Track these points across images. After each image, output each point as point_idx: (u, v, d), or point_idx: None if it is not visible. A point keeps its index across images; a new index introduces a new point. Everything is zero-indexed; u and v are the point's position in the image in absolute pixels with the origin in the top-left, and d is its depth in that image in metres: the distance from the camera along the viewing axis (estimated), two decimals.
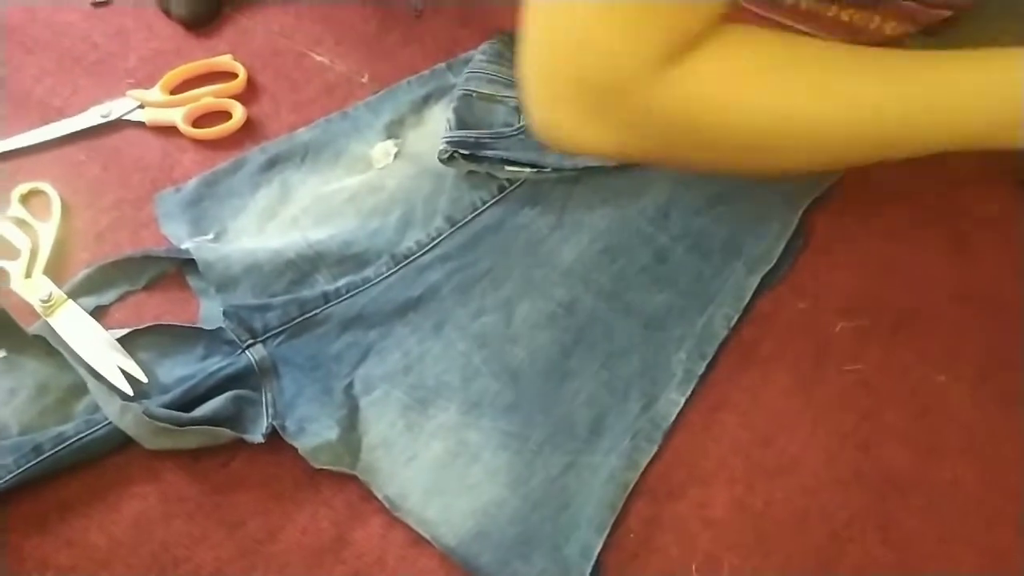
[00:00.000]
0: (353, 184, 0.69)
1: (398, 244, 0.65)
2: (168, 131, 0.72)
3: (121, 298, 0.64)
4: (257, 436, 0.56)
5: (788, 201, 0.67)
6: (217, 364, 0.59)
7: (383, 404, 0.59)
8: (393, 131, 0.71)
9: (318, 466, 0.55)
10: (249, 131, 0.72)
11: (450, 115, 0.69)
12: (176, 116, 0.72)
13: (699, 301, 0.63)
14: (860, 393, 0.59)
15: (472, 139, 0.68)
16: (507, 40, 0.72)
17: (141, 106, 0.73)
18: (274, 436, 0.56)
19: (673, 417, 0.58)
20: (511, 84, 0.70)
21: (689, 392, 0.59)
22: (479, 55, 0.72)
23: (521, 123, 0.69)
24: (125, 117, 0.72)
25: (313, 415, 0.58)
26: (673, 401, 0.59)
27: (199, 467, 0.57)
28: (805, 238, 0.66)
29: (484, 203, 0.68)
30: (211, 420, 0.56)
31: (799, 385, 0.60)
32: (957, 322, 0.61)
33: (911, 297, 0.62)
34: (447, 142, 0.67)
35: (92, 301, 0.63)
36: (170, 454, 0.57)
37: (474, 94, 0.70)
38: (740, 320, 0.62)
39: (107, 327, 0.61)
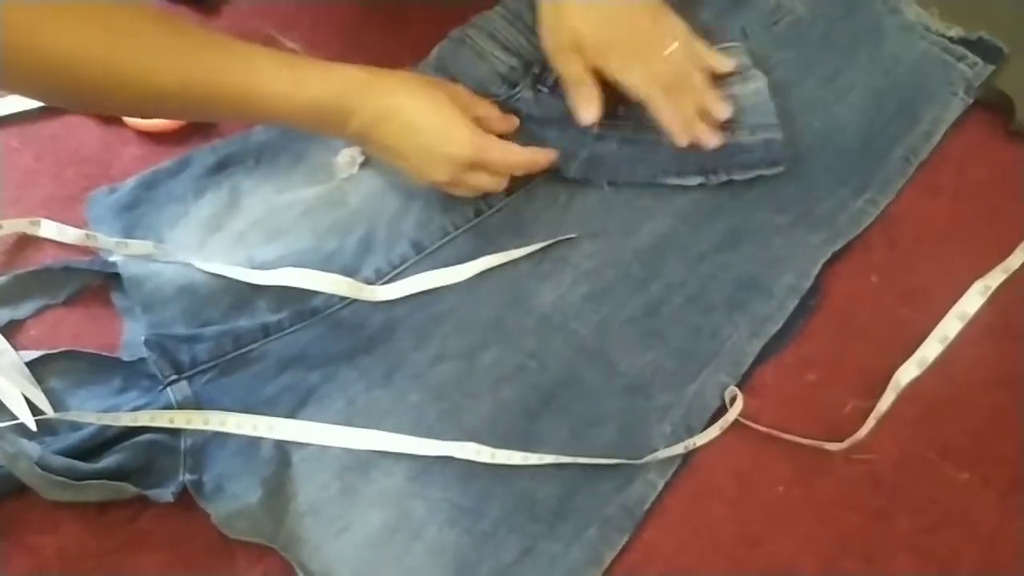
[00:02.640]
0: (310, 196, 0.60)
1: (355, 271, 0.57)
2: (110, 119, 0.64)
3: (38, 312, 0.57)
4: (166, 495, 0.49)
5: (806, 251, 0.58)
6: (134, 402, 0.52)
7: (318, 461, 0.52)
8: None
9: (233, 535, 0.48)
10: (200, 125, 0.64)
11: (432, 53, 0.62)
12: None
13: (692, 364, 0.55)
14: (869, 490, 0.51)
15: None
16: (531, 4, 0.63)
17: None
18: (187, 492, 0.49)
19: (649, 503, 0.50)
20: (511, 51, 0.62)
21: (670, 474, 0.51)
22: (499, 8, 0.64)
23: (499, 93, 0.61)
24: None
25: (235, 471, 0.50)
26: (650, 483, 0.51)
27: (104, 520, 0.50)
28: (820, 298, 0.57)
29: (456, 228, 0.60)
30: (116, 472, 0.49)
31: (799, 474, 0.52)
32: (991, 413, 0.53)
33: (938, 378, 0.54)
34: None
35: (6, 314, 0.56)
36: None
37: (468, 40, 0.63)
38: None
39: (20, 346, 0.55)
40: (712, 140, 0.58)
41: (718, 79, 0.61)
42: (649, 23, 0.57)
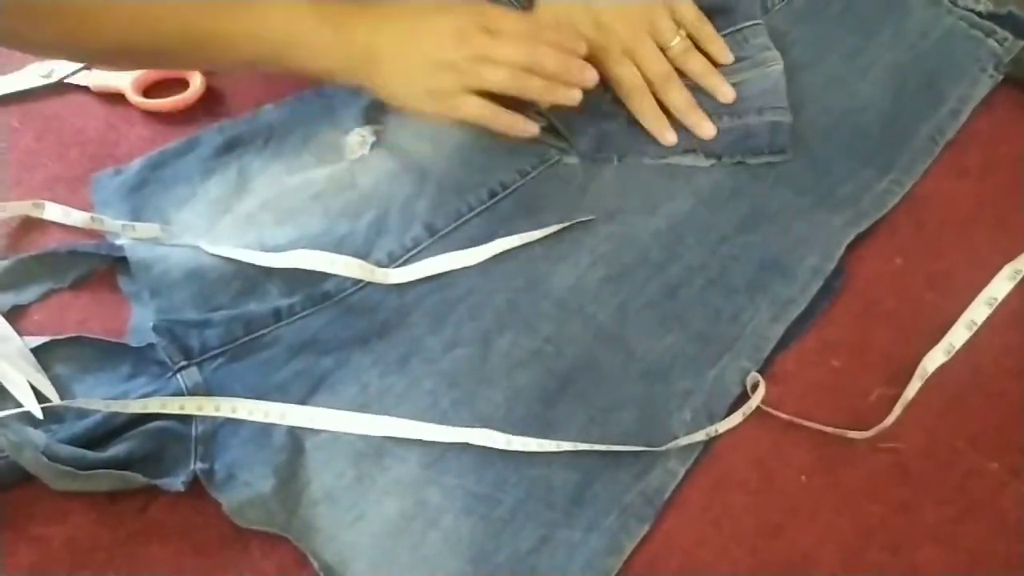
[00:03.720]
0: (321, 177, 0.59)
1: (367, 254, 0.56)
2: (115, 99, 0.63)
3: (44, 297, 0.56)
4: (176, 484, 0.48)
5: (829, 232, 0.57)
6: (142, 388, 0.51)
7: (331, 449, 0.50)
8: (373, 116, 0.62)
9: (245, 525, 0.47)
10: (208, 104, 0.63)
11: None
12: (125, 81, 0.62)
13: (712, 349, 0.53)
14: (894, 479, 0.50)
15: None
16: None
17: (87, 67, 0.63)
18: (198, 481, 0.48)
19: (669, 492, 0.49)
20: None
21: (691, 462, 0.50)
22: None
23: None
24: (68, 79, 0.63)
25: (247, 459, 0.49)
26: (671, 472, 0.50)
27: (114, 510, 0.49)
28: (844, 280, 0.56)
29: (471, 210, 0.58)
30: (125, 461, 0.48)
31: (822, 463, 0.50)
32: (1020, 401, 0.52)
33: (966, 365, 0.52)
34: None
35: (10, 299, 0.55)
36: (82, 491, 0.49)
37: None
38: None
39: (24, 332, 0.54)
40: (707, 130, 0.59)
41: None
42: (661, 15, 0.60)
